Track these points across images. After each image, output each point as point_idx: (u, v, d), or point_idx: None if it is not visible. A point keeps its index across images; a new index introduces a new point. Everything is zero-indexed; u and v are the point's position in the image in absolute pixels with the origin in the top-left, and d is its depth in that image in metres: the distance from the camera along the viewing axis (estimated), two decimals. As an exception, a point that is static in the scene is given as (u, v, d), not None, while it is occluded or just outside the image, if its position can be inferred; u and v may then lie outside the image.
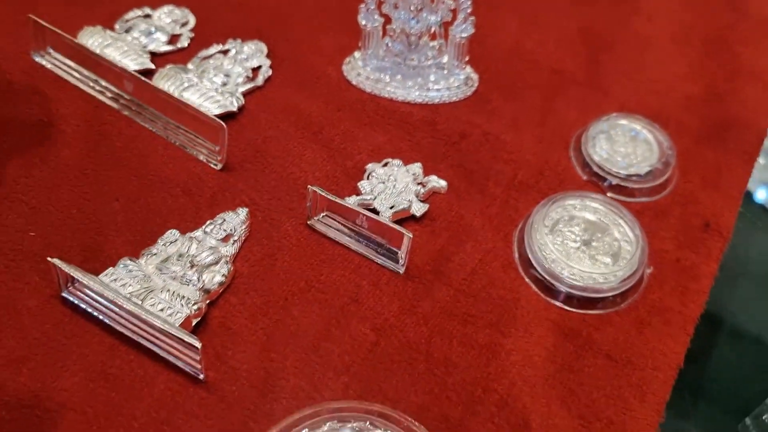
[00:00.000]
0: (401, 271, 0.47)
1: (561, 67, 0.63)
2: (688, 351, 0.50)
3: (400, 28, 0.56)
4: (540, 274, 0.47)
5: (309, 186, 0.47)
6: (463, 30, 0.56)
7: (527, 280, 0.48)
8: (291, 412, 0.41)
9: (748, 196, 0.63)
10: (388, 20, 0.56)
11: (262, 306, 0.45)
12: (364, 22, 0.56)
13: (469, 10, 0.55)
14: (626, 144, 0.55)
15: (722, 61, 0.65)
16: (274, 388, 0.42)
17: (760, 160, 0.60)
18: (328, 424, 0.39)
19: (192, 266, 0.45)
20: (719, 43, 0.67)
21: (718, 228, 0.52)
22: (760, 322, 0.60)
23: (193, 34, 0.60)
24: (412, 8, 0.55)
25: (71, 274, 0.42)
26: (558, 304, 0.47)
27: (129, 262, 0.45)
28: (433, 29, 0.57)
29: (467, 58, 0.59)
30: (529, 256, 0.48)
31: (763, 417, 0.58)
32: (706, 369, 0.55)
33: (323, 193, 0.47)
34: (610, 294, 0.47)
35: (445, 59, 0.58)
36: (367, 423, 0.39)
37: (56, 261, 0.42)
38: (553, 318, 0.46)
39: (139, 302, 0.42)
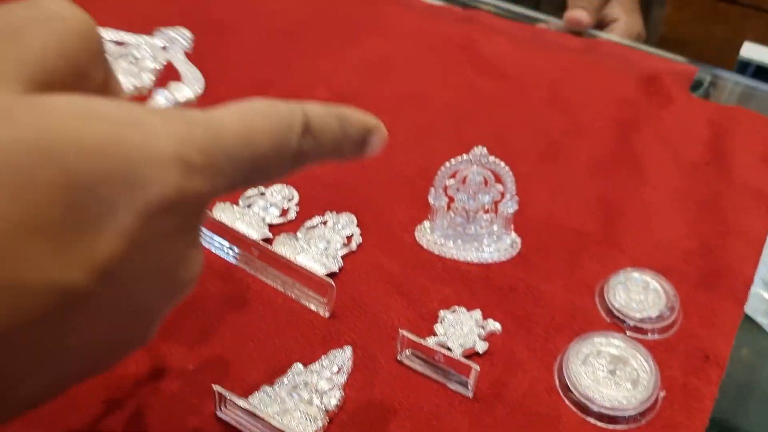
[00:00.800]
0: (470, 395, 0.60)
1: (584, 228, 0.77)
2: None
3: (461, 206, 0.71)
4: (576, 397, 0.60)
5: (400, 330, 0.61)
6: (510, 206, 0.71)
7: (566, 401, 0.61)
8: (394, 500, 0.54)
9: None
10: (451, 199, 0.71)
11: (367, 420, 0.58)
12: (432, 201, 0.71)
13: (514, 192, 0.70)
14: (639, 293, 0.69)
15: (713, 222, 0.78)
16: (381, 481, 0.55)
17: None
18: None
19: (315, 391, 0.59)
20: (711, 207, 0.80)
21: (716, 359, 0.64)
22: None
23: (298, 208, 0.75)
24: (470, 191, 0.70)
25: (228, 397, 0.57)
26: (591, 420, 0.59)
27: (268, 388, 0.59)
28: (486, 206, 0.71)
29: (512, 226, 0.73)
30: (567, 382, 0.61)
31: None
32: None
33: (411, 336, 0.61)
34: (632, 412, 0.59)
35: (496, 228, 0.72)
36: None
37: (218, 387, 0.57)
38: (588, 430, 0.59)
39: (279, 419, 0.57)
